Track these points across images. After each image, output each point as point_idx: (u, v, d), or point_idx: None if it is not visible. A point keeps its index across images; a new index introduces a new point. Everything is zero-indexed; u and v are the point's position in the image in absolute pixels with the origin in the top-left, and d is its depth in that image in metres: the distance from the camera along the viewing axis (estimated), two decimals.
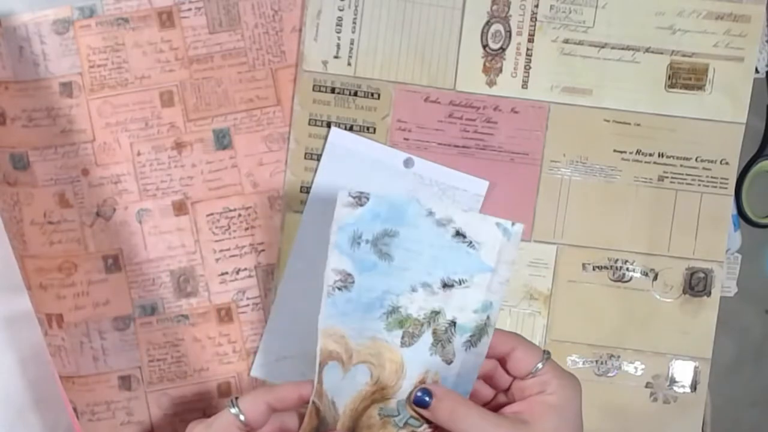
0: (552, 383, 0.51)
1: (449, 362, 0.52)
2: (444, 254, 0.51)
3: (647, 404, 0.64)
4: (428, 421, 0.52)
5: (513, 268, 0.51)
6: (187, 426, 0.51)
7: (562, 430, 0.50)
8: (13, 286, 0.61)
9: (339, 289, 0.51)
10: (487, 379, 0.54)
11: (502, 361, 0.53)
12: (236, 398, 0.51)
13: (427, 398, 0.51)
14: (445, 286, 0.51)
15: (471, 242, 0.51)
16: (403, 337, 0.52)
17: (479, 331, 0.52)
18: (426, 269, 0.51)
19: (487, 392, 0.54)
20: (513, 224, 0.51)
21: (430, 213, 0.51)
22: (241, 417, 0.50)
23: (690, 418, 0.64)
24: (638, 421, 0.64)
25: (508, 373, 0.53)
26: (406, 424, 0.52)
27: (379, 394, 0.52)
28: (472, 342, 0.52)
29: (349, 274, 0.51)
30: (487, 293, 0.52)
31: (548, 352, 0.52)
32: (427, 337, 0.52)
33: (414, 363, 0.52)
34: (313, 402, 0.51)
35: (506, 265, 0.51)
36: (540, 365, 0.51)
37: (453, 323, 0.52)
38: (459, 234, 0.51)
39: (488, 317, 0.51)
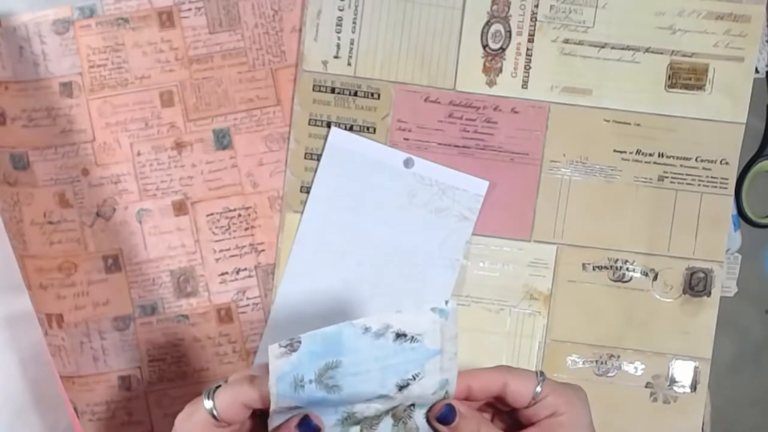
0: (558, 404, 0.49)
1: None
2: (391, 362, 0.49)
3: (647, 404, 0.64)
4: None
5: (457, 341, 0.49)
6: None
7: None
8: (14, 286, 0.61)
9: (290, 409, 0.49)
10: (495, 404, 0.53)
11: (500, 398, 0.51)
12: (216, 388, 0.48)
13: (451, 415, 0.50)
14: (401, 388, 0.50)
15: (413, 338, 0.49)
16: (361, 430, 0.51)
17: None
18: (378, 384, 0.49)
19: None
20: (447, 302, 0.49)
21: (366, 329, 0.48)
22: (215, 413, 0.48)
23: (690, 418, 0.64)
24: (638, 421, 0.64)
25: (509, 406, 0.51)
26: None
27: None
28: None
29: (297, 407, 0.49)
30: (441, 373, 0.50)
31: (542, 373, 0.50)
32: (387, 421, 0.51)
33: None
34: None
35: (451, 341, 0.49)
36: (539, 389, 0.49)
37: (412, 405, 0.51)
38: (399, 336, 0.49)
39: (446, 392, 0.50)
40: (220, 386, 0.48)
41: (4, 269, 0.61)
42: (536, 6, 0.64)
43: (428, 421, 0.51)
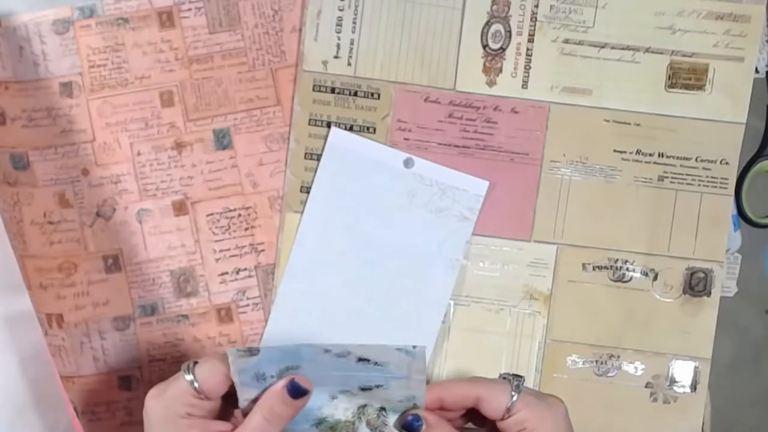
0: (530, 420, 0.49)
1: None
2: (354, 372, 0.49)
3: (647, 404, 0.64)
4: None
5: (426, 375, 0.49)
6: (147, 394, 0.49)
7: None
8: (14, 286, 0.61)
9: None
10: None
11: (474, 411, 0.51)
12: (194, 363, 0.49)
13: (417, 423, 0.50)
14: (364, 389, 0.50)
15: (377, 363, 0.49)
16: None
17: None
18: (340, 384, 0.50)
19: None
20: (414, 347, 0.48)
21: (326, 351, 0.48)
22: (196, 385, 0.48)
23: (690, 418, 0.64)
24: (638, 421, 0.64)
25: (484, 418, 0.51)
26: None
27: None
28: None
29: None
30: (407, 390, 0.50)
31: (517, 381, 0.50)
32: (362, 430, 0.51)
33: None
34: None
35: (419, 373, 0.49)
36: (514, 398, 0.49)
37: (383, 408, 0.51)
38: (362, 360, 0.49)
39: (415, 404, 0.50)
40: (197, 362, 0.49)
41: (4, 269, 0.61)
42: (536, 6, 0.64)
43: (396, 427, 0.51)
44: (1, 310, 0.61)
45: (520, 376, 0.51)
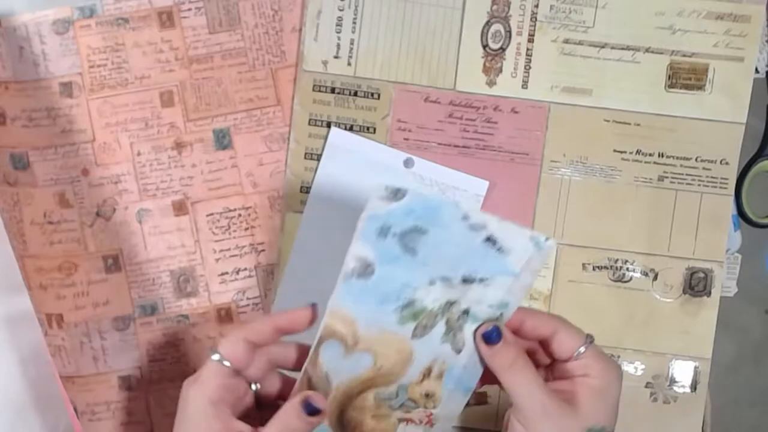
0: (595, 367, 0.51)
1: (458, 351, 0.51)
2: (470, 255, 0.51)
3: (647, 404, 0.64)
4: (425, 407, 0.52)
5: (536, 277, 0.51)
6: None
7: (603, 413, 0.51)
8: (14, 286, 0.61)
9: (357, 276, 0.50)
10: (529, 354, 0.54)
11: (544, 344, 0.53)
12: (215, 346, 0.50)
13: (495, 334, 0.50)
14: (465, 281, 0.51)
15: (501, 248, 0.50)
16: (415, 329, 0.51)
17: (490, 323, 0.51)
18: (449, 266, 0.51)
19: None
20: (547, 239, 0.50)
21: (465, 217, 0.50)
22: (226, 363, 0.49)
23: (690, 418, 0.64)
24: (638, 421, 0.64)
25: (550, 355, 0.53)
26: (402, 405, 0.53)
27: (380, 380, 0.52)
28: None
29: (369, 264, 0.50)
30: (506, 294, 0.51)
31: (591, 337, 0.52)
32: (440, 327, 0.51)
33: (423, 352, 0.52)
34: (306, 370, 0.51)
35: (531, 273, 0.51)
36: (582, 349, 0.51)
37: (466, 311, 0.51)
38: (489, 240, 0.50)
39: (501, 314, 0.51)
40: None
41: (5, 269, 0.61)
42: (536, 6, 0.64)
43: (474, 337, 0.51)
44: (1, 310, 0.61)
45: (593, 336, 0.53)
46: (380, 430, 0.53)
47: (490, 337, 0.50)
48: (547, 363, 0.54)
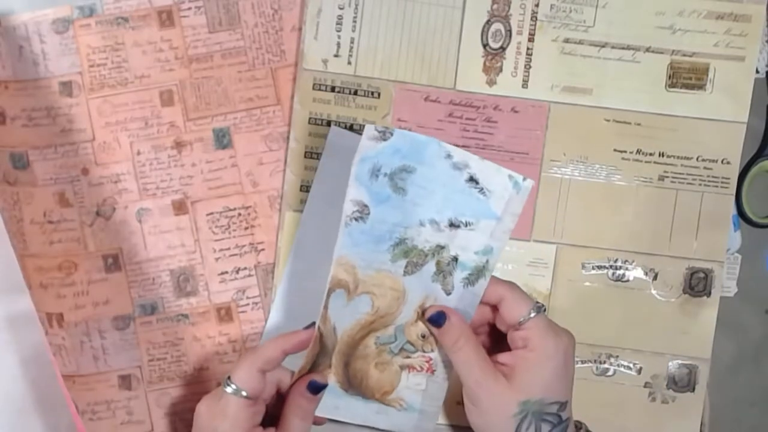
0: (534, 340, 0.52)
1: (448, 293, 0.54)
2: (455, 196, 0.53)
3: (646, 404, 0.64)
4: (423, 350, 0.56)
5: (516, 221, 0.54)
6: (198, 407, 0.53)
7: (539, 386, 0.52)
8: (15, 287, 0.61)
9: (356, 219, 0.53)
10: (491, 326, 0.57)
11: (494, 310, 0.55)
12: (229, 377, 0.52)
13: (441, 320, 0.54)
14: (452, 225, 0.54)
15: (482, 189, 0.53)
16: (406, 267, 0.54)
17: (477, 272, 0.54)
18: (436, 207, 0.54)
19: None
20: (524, 179, 0.53)
21: (449, 155, 0.53)
22: (244, 393, 0.52)
23: (688, 418, 0.64)
24: (636, 421, 0.64)
25: (502, 323, 0.55)
26: (401, 349, 0.56)
27: (378, 323, 0.55)
28: (470, 281, 0.54)
29: (365, 206, 0.53)
30: (490, 239, 0.54)
31: (540, 306, 0.53)
32: (430, 266, 0.54)
33: (415, 289, 0.54)
34: (318, 327, 0.54)
35: (511, 216, 0.53)
36: (522, 319, 0.52)
37: (455, 258, 0.54)
38: (472, 179, 0.53)
39: (487, 261, 0.54)
40: (229, 376, 0.53)
41: (5, 269, 0.61)
42: (536, 5, 0.63)
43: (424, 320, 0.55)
44: (2, 310, 0.62)
45: (543, 306, 0.54)
46: (385, 380, 0.56)
47: (437, 320, 0.54)
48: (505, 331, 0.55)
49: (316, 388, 0.54)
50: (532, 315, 0.53)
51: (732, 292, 0.65)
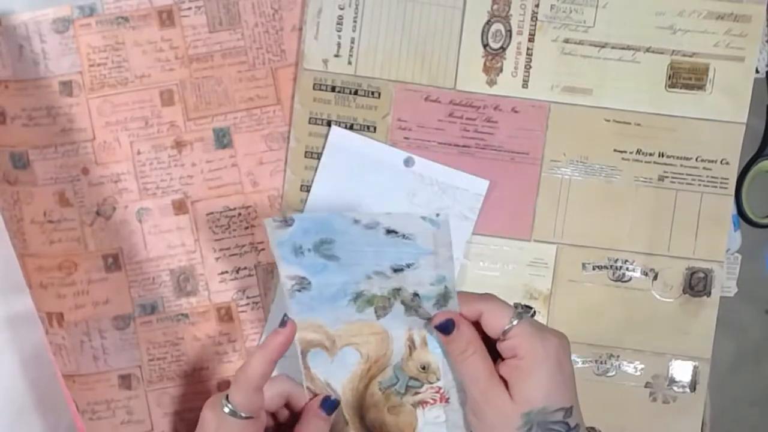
0: (522, 347, 0.50)
1: (428, 319, 0.53)
2: (384, 249, 0.51)
3: (646, 404, 0.64)
4: (429, 381, 0.54)
5: (452, 247, 0.51)
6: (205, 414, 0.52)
7: (538, 394, 0.49)
8: (15, 286, 0.61)
9: (298, 291, 0.52)
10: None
11: (479, 325, 0.53)
12: (227, 397, 0.52)
13: (450, 328, 0.52)
14: (396, 270, 0.52)
15: (403, 236, 0.51)
16: (376, 312, 0.53)
17: (442, 297, 0.52)
18: (373, 261, 0.52)
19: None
20: (437, 215, 0.50)
21: (356, 221, 0.50)
22: (243, 415, 0.51)
23: (689, 418, 0.64)
24: (637, 421, 0.64)
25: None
26: (407, 387, 0.54)
27: (375, 368, 0.54)
28: (441, 304, 0.52)
29: (303, 278, 0.52)
30: (437, 269, 0.52)
31: (522, 311, 0.52)
32: (398, 306, 0.53)
33: (396, 326, 0.53)
34: (308, 388, 0.54)
35: (445, 247, 0.51)
36: (506, 328, 0.50)
37: (416, 294, 0.52)
38: (390, 232, 0.51)
39: (445, 287, 0.52)
40: (227, 395, 0.52)
41: (5, 268, 0.61)
42: (537, 5, 0.63)
43: (432, 330, 0.53)
44: (2, 310, 0.61)
45: (530, 308, 0.52)
46: (403, 423, 0.55)
47: (446, 328, 0.52)
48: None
49: (331, 407, 0.54)
50: (515, 322, 0.50)
51: (732, 292, 0.65)
